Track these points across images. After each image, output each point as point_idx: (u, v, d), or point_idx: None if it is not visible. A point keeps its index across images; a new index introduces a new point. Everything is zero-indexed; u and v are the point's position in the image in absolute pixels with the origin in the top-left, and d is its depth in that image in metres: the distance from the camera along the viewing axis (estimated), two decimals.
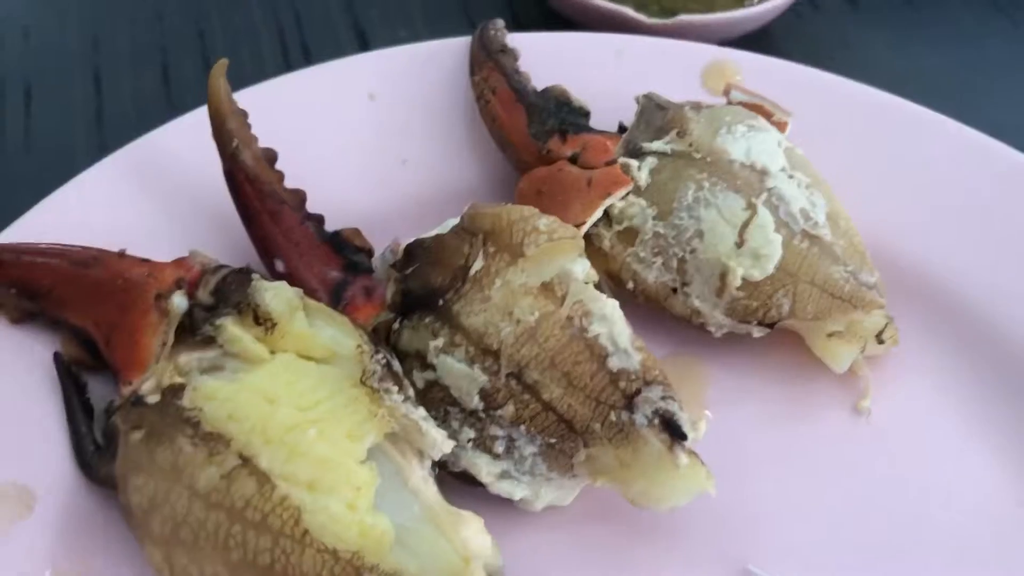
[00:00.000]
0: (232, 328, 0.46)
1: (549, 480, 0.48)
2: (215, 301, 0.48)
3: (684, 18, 0.71)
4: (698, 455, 0.46)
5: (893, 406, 0.54)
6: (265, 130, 0.54)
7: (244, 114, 0.53)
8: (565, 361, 0.46)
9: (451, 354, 0.47)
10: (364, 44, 0.81)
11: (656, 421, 0.46)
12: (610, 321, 0.47)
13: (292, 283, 0.50)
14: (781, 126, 0.58)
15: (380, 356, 0.46)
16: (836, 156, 0.59)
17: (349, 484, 0.42)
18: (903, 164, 0.60)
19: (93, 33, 0.82)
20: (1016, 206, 0.58)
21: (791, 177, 0.54)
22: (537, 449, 0.47)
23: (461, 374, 0.47)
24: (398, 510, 0.43)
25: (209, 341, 0.47)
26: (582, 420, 0.46)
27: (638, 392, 0.46)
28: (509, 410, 0.46)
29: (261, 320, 0.46)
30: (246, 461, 0.42)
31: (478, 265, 0.48)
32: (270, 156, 0.53)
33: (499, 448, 0.47)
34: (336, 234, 0.53)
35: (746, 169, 0.53)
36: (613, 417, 0.46)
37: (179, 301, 0.48)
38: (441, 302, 0.48)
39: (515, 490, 0.48)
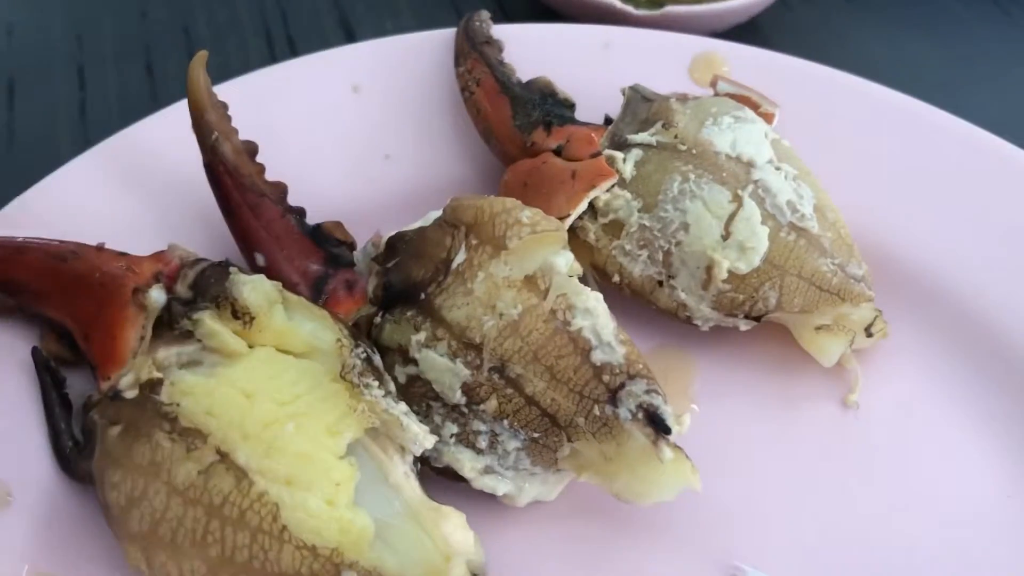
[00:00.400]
0: (210, 322, 0.46)
1: (533, 475, 0.47)
2: (193, 295, 0.47)
3: (671, 9, 0.71)
4: (682, 449, 0.45)
5: (882, 400, 0.54)
6: (247, 123, 0.53)
7: (224, 106, 0.52)
8: (548, 355, 0.46)
9: (433, 348, 0.46)
10: (350, 37, 0.81)
11: (640, 415, 0.45)
12: (594, 314, 0.46)
13: (272, 277, 0.49)
14: (768, 117, 0.57)
15: (360, 350, 0.45)
16: (824, 147, 0.58)
17: (328, 480, 0.42)
18: (892, 155, 0.60)
19: (77, 29, 0.82)
20: (1006, 197, 0.57)
21: (778, 169, 0.53)
22: (520, 444, 0.46)
23: (443, 368, 0.46)
24: (379, 506, 0.43)
25: (187, 335, 0.46)
26: (565, 414, 0.45)
27: (622, 386, 0.45)
28: (492, 404, 0.46)
29: (239, 314, 0.46)
30: (223, 456, 0.42)
31: (460, 258, 0.47)
32: (251, 148, 0.53)
33: (482, 443, 0.47)
34: (317, 227, 0.52)
35: (732, 161, 0.53)
36: (597, 411, 0.45)
37: (157, 295, 0.47)
38: (423, 296, 0.47)
39: (499, 485, 0.47)
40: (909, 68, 0.78)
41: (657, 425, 0.45)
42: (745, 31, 0.75)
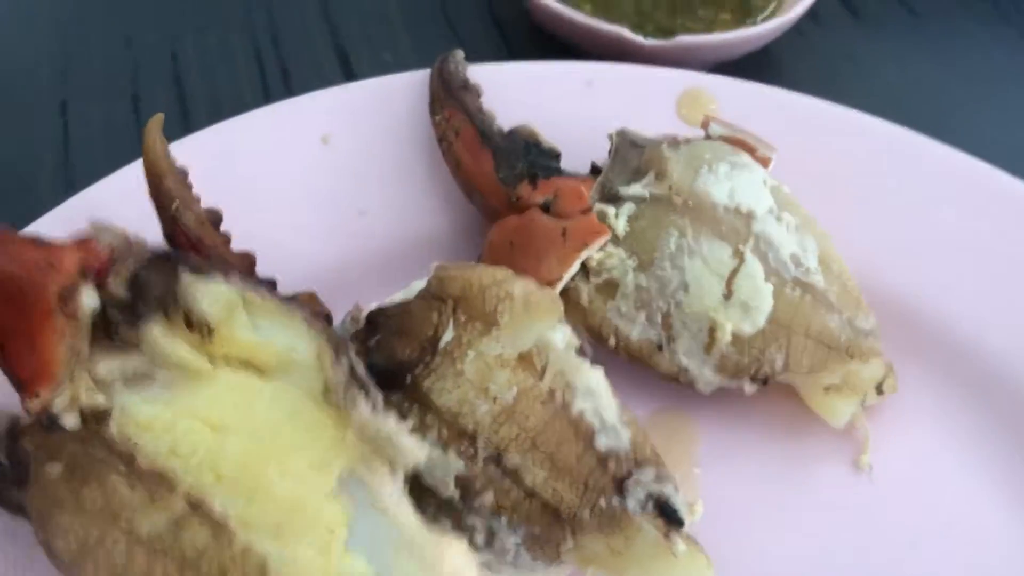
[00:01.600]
0: (162, 340, 0.39)
1: (534, 571, 0.44)
2: (132, 296, 0.40)
3: (683, 39, 0.67)
4: (696, 540, 0.42)
5: (895, 459, 0.51)
6: (208, 184, 0.49)
7: (184, 172, 0.48)
8: (548, 442, 0.42)
9: (423, 437, 0.43)
10: (346, 65, 0.76)
11: (650, 506, 0.42)
12: (596, 394, 0.43)
13: None
14: (764, 162, 0.54)
15: (343, 361, 0.40)
16: (822, 189, 0.55)
17: (320, 526, 0.37)
18: (895, 195, 0.57)
19: (63, 53, 0.77)
20: (1015, 239, 0.54)
21: (779, 219, 0.50)
22: (520, 539, 0.43)
23: (434, 459, 0.42)
24: (374, 542, 0.38)
25: (131, 344, 0.39)
26: (569, 507, 0.42)
27: (629, 474, 0.42)
28: (488, 498, 0.42)
29: (195, 325, 0.39)
30: (196, 506, 0.37)
31: (448, 336, 0.43)
32: (214, 217, 0.49)
33: (479, 539, 0.43)
34: (291, 300, 0.48)
35: (730, 213, 0.50)
36: (603, 503, 0.42)
37: (89, 300, 0.39)
38: (409, 378, 0.43)
39: None
40: (924, 90, 0.74)
41: (668, 517, 0.42)
42: (758, 59, 0.72)
